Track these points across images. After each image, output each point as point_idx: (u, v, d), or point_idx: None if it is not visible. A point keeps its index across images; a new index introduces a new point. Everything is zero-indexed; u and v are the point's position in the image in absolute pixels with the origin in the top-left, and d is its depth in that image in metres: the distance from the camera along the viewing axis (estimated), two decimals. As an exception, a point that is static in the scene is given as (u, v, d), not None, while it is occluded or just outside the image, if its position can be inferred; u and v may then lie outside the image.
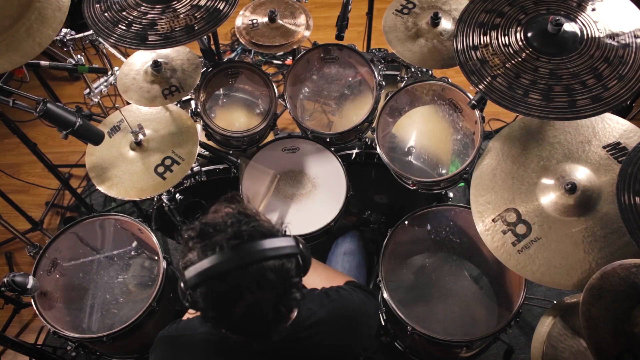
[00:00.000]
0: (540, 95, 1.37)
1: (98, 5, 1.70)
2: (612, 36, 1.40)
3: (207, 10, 1.66)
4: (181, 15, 1.66)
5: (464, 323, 1.83)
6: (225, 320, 0.98)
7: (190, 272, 0.93)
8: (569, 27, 1.42)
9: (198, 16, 1.66)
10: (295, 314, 1.10)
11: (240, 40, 2.10)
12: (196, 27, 1.63)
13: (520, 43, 1.46)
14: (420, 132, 2.02)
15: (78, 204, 2.80)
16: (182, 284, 0.96)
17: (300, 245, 1.02)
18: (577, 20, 1.44)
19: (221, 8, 1.67)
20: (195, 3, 1.68)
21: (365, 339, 1.22)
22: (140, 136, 1.81)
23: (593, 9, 1.45)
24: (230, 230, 0.94)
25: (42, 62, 2.07)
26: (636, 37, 1.39)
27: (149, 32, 1.63)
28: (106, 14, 1.67)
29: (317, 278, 1.40)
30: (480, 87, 1.43)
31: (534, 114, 1.36)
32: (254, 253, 0.93)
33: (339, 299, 1.21)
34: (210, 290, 0.93)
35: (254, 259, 0.93)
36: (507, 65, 1.43)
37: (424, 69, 2.25)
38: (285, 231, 1.03)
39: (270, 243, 0.95)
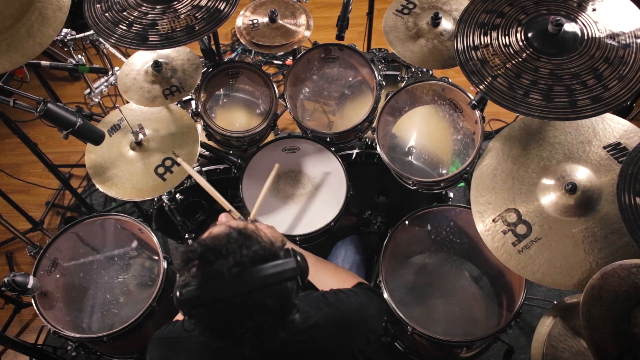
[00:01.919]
0: (540, 96, 1.37)
1: (99, 6, 1.70)
2: (613, 36, 1.40)
3: (207, 11, 1.67)
4: (182, 16, 1.66)
5: (464, 323, 1.83)
6: (222, 340, 0.98)
7: (190, 294, 0.92)
8: (569, 27, 1.42)
9: (199, 16, 1.66)
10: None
11: (241, 40, 2.10)
12: (197, 28, 1.64)
13: (520, 43, 1.46)
14: (420, 132, 2.02)
15: (78, 204, 2.80)
16: (178, 304, 0.94)
17: (299, 259, 1.00)
18: (578, 20, 1.44)
19: (222, 8, 1.67)
20: (196, 3, 1.68)
21: (362, 342, 1.22)
22: (141, 136, 1.81)
23: (593, 9, 1.45)
24: (231, 258, 0.93)
25: (43, 62, 2.07)
26: (636, 37, 1.39)
27: (149, 33, 1.63)
28: (107, 14, 1.68)
29: (329, 279, 1.40)
30: (481, 87, 1.43)
31: (534, 114, 1.36)
32: (255, 280, 0.92)
33: (336, 303, 1.20)
34: (210, 315, 0.94)
35: (256, 287, 0.92)
36: (507, 66, 1.43)
37: (425, 69, 2.25)
38: (285, 247, 1.02)
39: (273, 268, 0.94)
